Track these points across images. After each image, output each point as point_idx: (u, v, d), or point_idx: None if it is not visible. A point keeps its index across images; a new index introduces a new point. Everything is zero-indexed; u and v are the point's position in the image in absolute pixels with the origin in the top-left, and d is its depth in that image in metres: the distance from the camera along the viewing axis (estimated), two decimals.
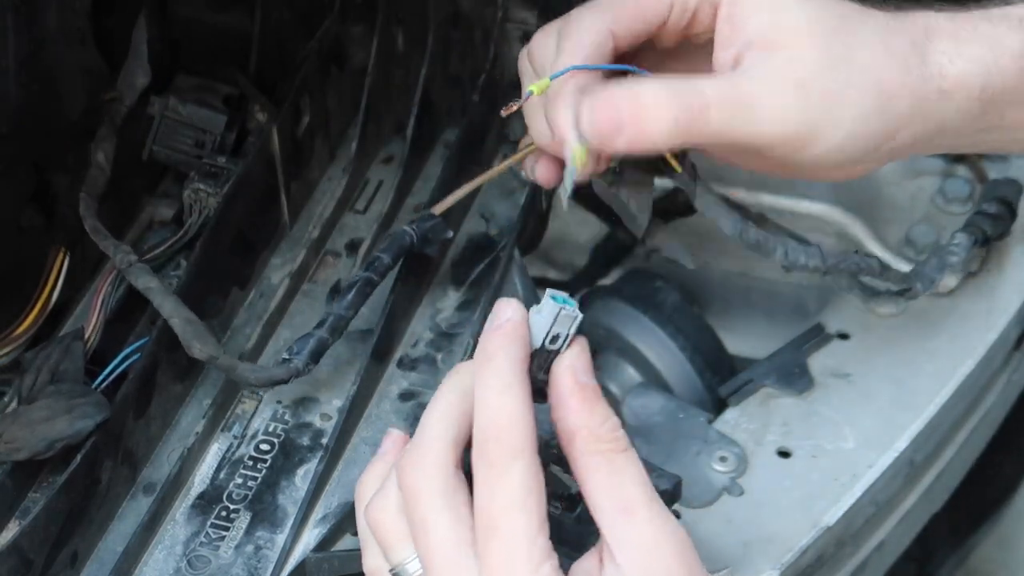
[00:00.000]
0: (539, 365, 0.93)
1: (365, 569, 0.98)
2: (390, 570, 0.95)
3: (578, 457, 0.91)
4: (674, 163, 1.05)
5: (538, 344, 0.92)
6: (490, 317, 0.93)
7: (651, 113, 0.96)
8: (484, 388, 0.91)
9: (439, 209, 1.22)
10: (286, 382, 1.15)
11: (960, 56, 0.99)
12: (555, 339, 0.93)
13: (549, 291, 0.93)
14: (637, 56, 1.05)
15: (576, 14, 1.03)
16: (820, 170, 1.01)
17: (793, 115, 0.96)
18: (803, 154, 0.98)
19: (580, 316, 0.92)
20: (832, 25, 0.98)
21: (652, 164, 1.08)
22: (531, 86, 1.03)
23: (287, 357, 1.15)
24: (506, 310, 0.93)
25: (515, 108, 1.05)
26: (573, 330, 0.93)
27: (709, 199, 1.04)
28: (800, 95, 0.96)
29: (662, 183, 1.14)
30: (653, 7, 1.02)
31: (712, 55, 1.02)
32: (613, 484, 0.91)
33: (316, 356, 1.15)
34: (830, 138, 0.97)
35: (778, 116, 0.96)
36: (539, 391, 0.93)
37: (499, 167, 1.17)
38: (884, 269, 1.20)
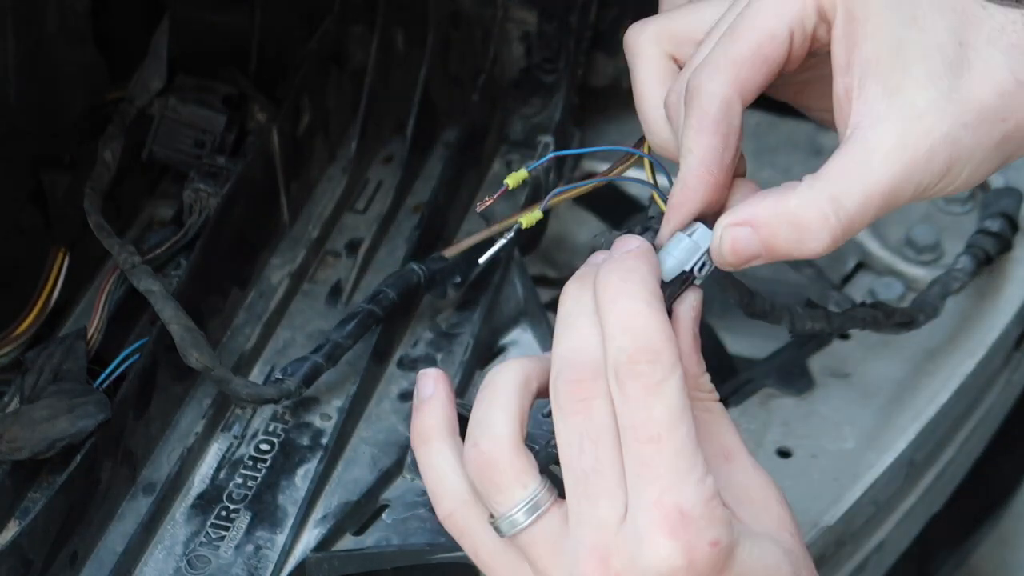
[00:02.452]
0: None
1: (441, 516, 0.92)
2: (492, 520, 0.89)
3: None
4: None
5: (685, 268, 0.91)
6: (612, 250, 0.90)
7: (797, 238, 0.88)
8: (631, 300, 0.86)
9: (450, 252, 1.23)
10: (276, 402, 1.15)
11: None
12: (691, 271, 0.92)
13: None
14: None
15: (697, 81, 0.90)
16: (928, 199, 0.97)
17: (927, 182, 0.89)
18: (926, 198, 0.93)
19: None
20: (949, 54, 0.88)
21: None
22: (507, 178, 0.99)
23: (280, 377, 1.16)
24: (631, 241, 0.90)
25: (489, 203, 1.00)
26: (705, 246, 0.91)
27: (716, 271, 1.04)
28: (931, 166, 0.88)
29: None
30: (773, 46, 0.90)
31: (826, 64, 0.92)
32: (712, 432, 0.90)
33: (309, 381, 1.16)
34: (954, 182, 0.90)
35: (912, 191, 0.89)
36: None
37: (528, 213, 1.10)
38: (888, 315, 1.19)
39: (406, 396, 1.22)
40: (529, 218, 1.02)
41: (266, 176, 1.28)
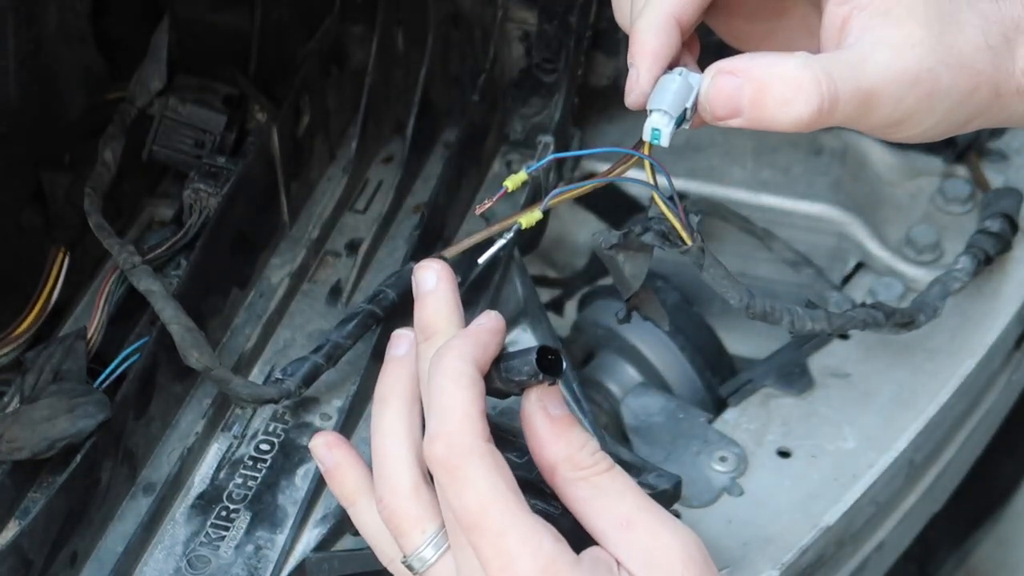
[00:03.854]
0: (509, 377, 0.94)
1: (383, 560, 0.99)
2: (402, 560, 0.95)
3: (564, 488, 0.92)
4: (685, 236, 1.02)
5: (686, 104, 0.92)
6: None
7: (787, 97, 0.90)
8: (432, 390, 0.92)
9: (450, 252, 1.23)
10: (276, 402, 1.15)
11: None
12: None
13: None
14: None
15: None
16: (890, 137, 1.00)
17: (903, 107, 0.94)
18: (890, 133, 0.97)
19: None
20: (943, 7, 0.95)
21: (661, 235, 1.06)
22: (506, 180, 1.00)
23: (280, 377, 1.16)
24: (482, 318, 0.95)
25: (489, 205, 1.01)
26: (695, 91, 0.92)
27: (717, 272, 1.04)
28: (913, 90, 0.93)
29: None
30: None
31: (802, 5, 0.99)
32: (605, 505, 0.91)
33: (308, 381, 1.16)
34: (922, 123, 0.95)
35: (890, 110, 0.94)
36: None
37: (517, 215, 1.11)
38: (888, 316, 1.20)
39: None
40: (529, 218, 1.03)
41: (266, 176, 1.28)
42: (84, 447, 1.08)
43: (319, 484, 1.14)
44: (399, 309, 1.22)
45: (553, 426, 0.93)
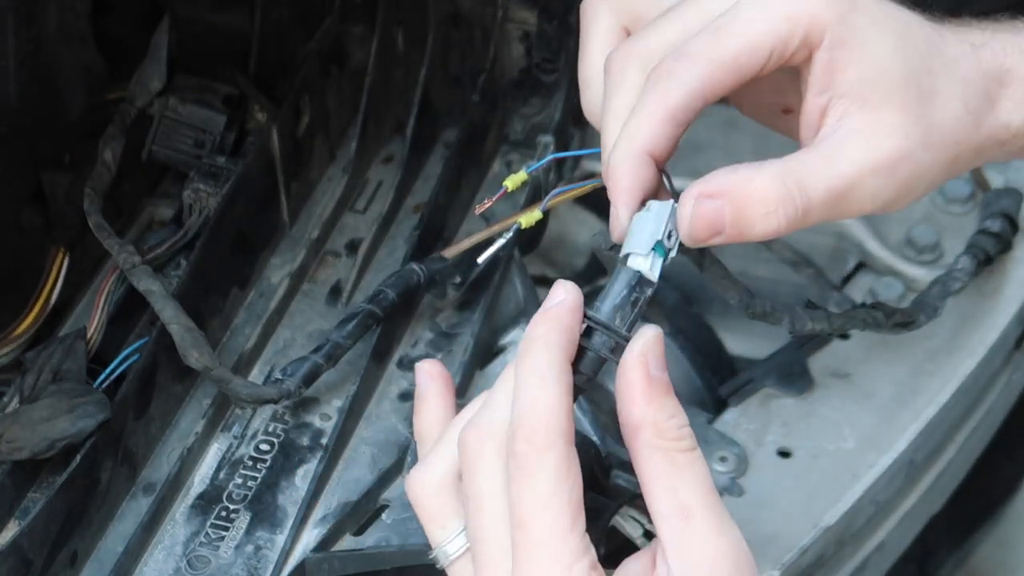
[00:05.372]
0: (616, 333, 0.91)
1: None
2: (431, 551, 0.93)
3: (640, 452, 0.89)
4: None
5: (658, 238, 0.91)
6: (546, 298, 0.91)
7: (765, 213, 0.91)
8: (518, 379, 0.88)
9: (450, 252, 1.23)
10: (276, 402, 1.15)
11: None
12: (669, 236, 0.91)
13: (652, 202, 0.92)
14: None
15: (670, 65, 0.92)
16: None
17: (884, 196, 0.93)
18: (876, 213, 0.97)
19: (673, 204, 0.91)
20: (922, 84, 0.93)
21: None
22: (506, 180, 1.00)
23: (280, 378, 1.16)
24: (559, 292, 0.91)
25: (488, 205, 1.00)
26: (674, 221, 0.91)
27: (716, 272, 1.04)
28: (891, 179, 0.93)
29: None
30: (752, 59, 0.91)
31: (791, 80, 0.96)
32: (673, 486, 0.88)
33: (308, 381, 1.16)
34: (904, 202, 0.95)
35: (868, 201, 0.93)
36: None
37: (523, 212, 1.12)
38: (889, 316, 1.19)
39: (406, 396, 1.22)
40: (528, 218, 1.03)
41: (266, 176, 1.28)
42: (84, 447, 1.08)
43: (319, 484, 1.14)
44: (399, 309, 1.23)
45: (650, 386, 0.89)
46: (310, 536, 1.12)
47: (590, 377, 0.92)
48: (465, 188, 1.37)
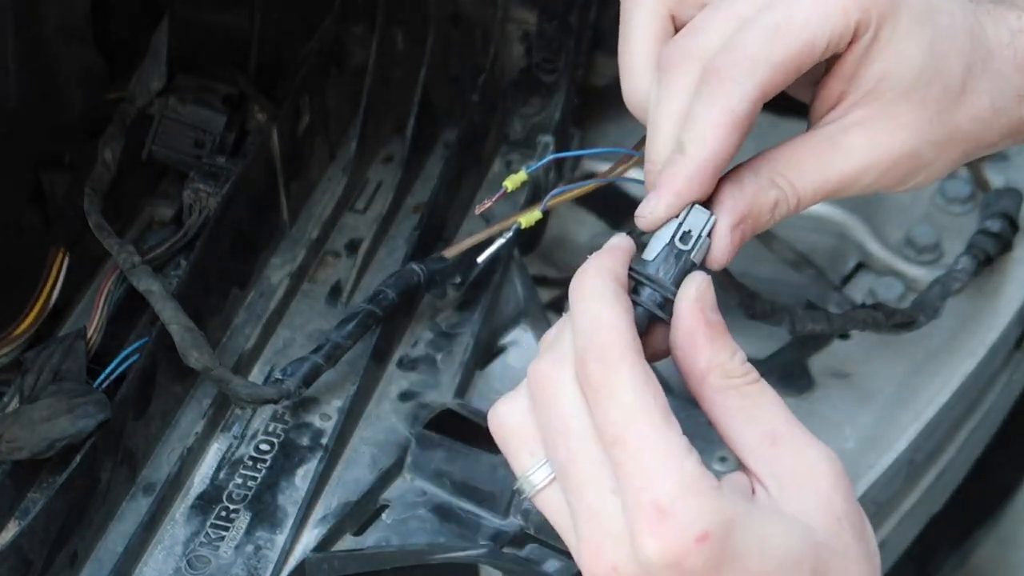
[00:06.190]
0: (665, 277, 0.89)
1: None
2: (517, 481, 0.89)
3: (711, 396, 0.87)
4: None
5: (664, 241, 0.89)
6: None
7: (763, 224, 0.91)
8: (575, 309, 0.86)
9: (450, 252, 1.23)
10: (276, 402, 1.15)
11: None
12: (686, 237, 0.89)
13: None
14: None
15: (728, 69, 0.89)
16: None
17: (873, 188, 0.93)
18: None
19: (714, 218, 0.89)
20: (951, 82, 0.91)
21: None
22: (506, 180, 0.99)
23: (280, 378, 1.16)
24: (615, 238, 0.89)
25: (488, 206, 0.99)
26: (706, 232, 0.89)
27: (717, 272, 1.04)
28: (889, 173, 0.92)
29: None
30: (810, 56, 0.89)
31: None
32: (752, 416, 0.87)
33: (308, 381, 1.16)
34: (900, 191, 0.95)
35: (858, 191, 0.93)
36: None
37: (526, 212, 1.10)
38: (889, 316, 1.19)
39: (406, 396, 1.22)
40: (528, 218, 1.02)
41: (266, 176, 1.28)
42: (84, 447, 1.08)
43: (319, 484, 1.14)
44: (399, 309, 1.23)
45: (711, 330, 0.88)
46: (310, 536, 1.12)
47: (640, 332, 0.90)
48: (465, 188, 1.37)
